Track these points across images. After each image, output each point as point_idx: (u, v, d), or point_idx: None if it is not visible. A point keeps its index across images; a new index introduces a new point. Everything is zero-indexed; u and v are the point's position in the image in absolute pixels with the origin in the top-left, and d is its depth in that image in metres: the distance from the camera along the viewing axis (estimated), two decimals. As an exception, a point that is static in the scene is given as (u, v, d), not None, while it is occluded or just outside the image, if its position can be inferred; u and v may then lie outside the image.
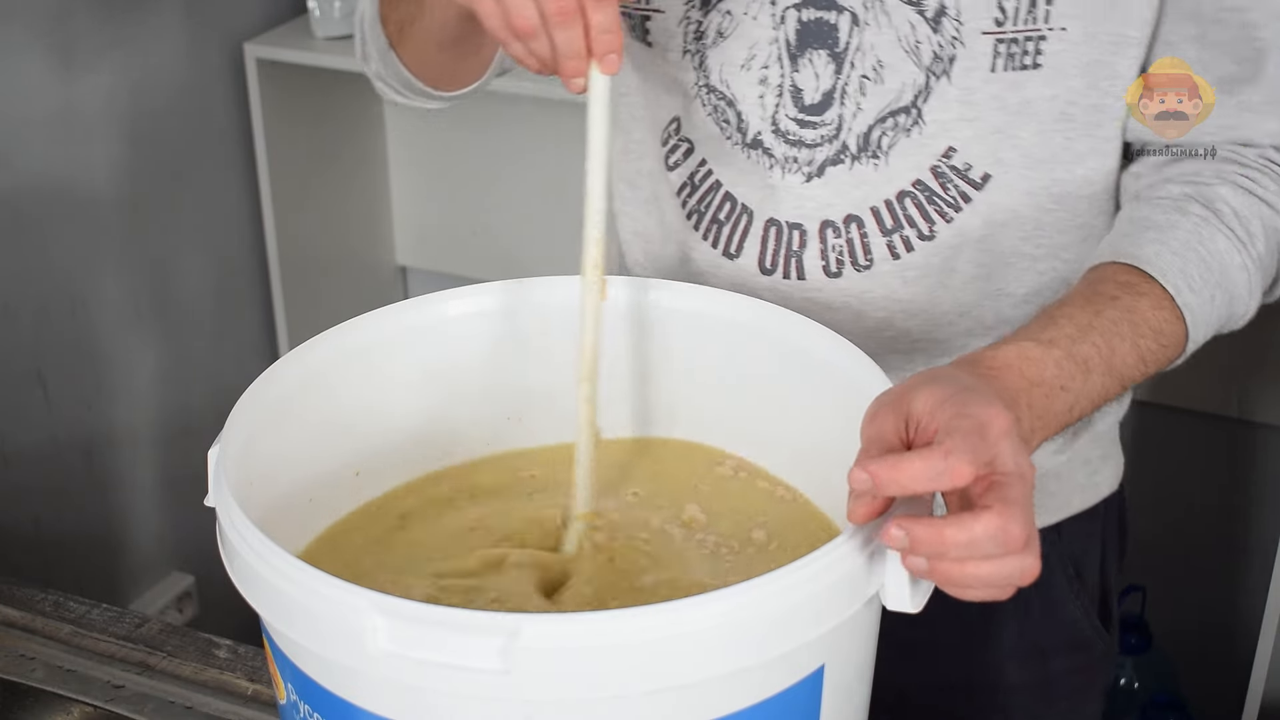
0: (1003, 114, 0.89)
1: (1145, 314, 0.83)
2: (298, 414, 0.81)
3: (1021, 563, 0.64)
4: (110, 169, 1.92)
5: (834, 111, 0.91)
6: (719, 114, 0.94)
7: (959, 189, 0.91)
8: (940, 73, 0.88)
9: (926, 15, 0.87)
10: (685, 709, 0.62)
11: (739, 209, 0.96)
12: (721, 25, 0.92)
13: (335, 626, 0.61)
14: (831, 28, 0.89)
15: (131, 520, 2.06)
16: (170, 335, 2.07)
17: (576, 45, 0.76)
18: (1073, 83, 0.89)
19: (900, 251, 0.93)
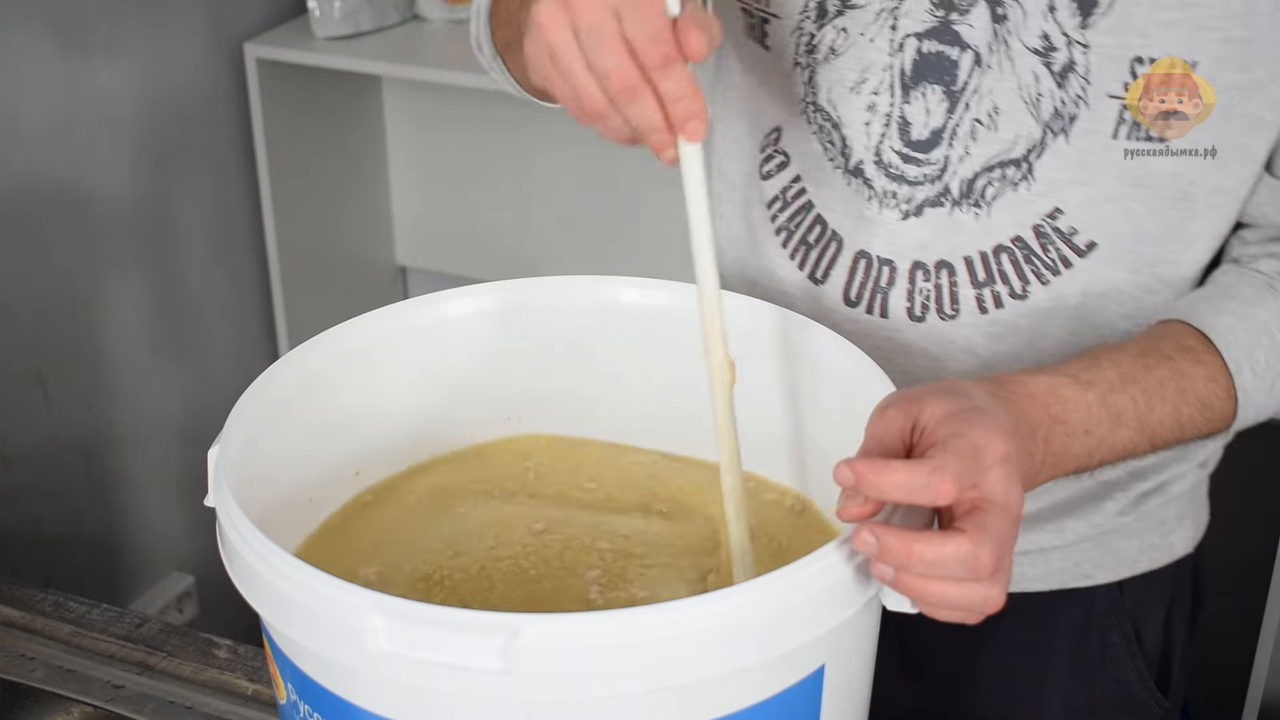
0: (1119, 184, 0.84)
1: (1197, 383, 0.80)
2: (298, 414, 0.81)
3: (987, 591, 0.63)
4: (111, 169, 1.92)
5: (941, 151, 0.87)
6: (824, 134, 0.90)
7: (1060, 252, 0.87)
8: (1059, 130, 0.84)
9: (1053, 69, 0.82)
10: (685, 709, 0.62)
11: (829, 234, 0.92)
12: (835, 42, 0.88)
13: (335, 626, 0.61)
14: (952, 64, 0.84)
15: (131, 520, 2.06)
16: (170, 335, 2.07)
17: (653, 119, 0.70)
18: (1200, 162, 0.84)
19: (989, 306, 0.89)
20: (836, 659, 0.66)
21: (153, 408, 2.06)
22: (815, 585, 0.62)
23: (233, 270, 2.18)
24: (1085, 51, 0.81)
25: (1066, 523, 0.95)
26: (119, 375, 1.99)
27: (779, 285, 0.96)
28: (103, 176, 1.91)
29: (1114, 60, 0.81)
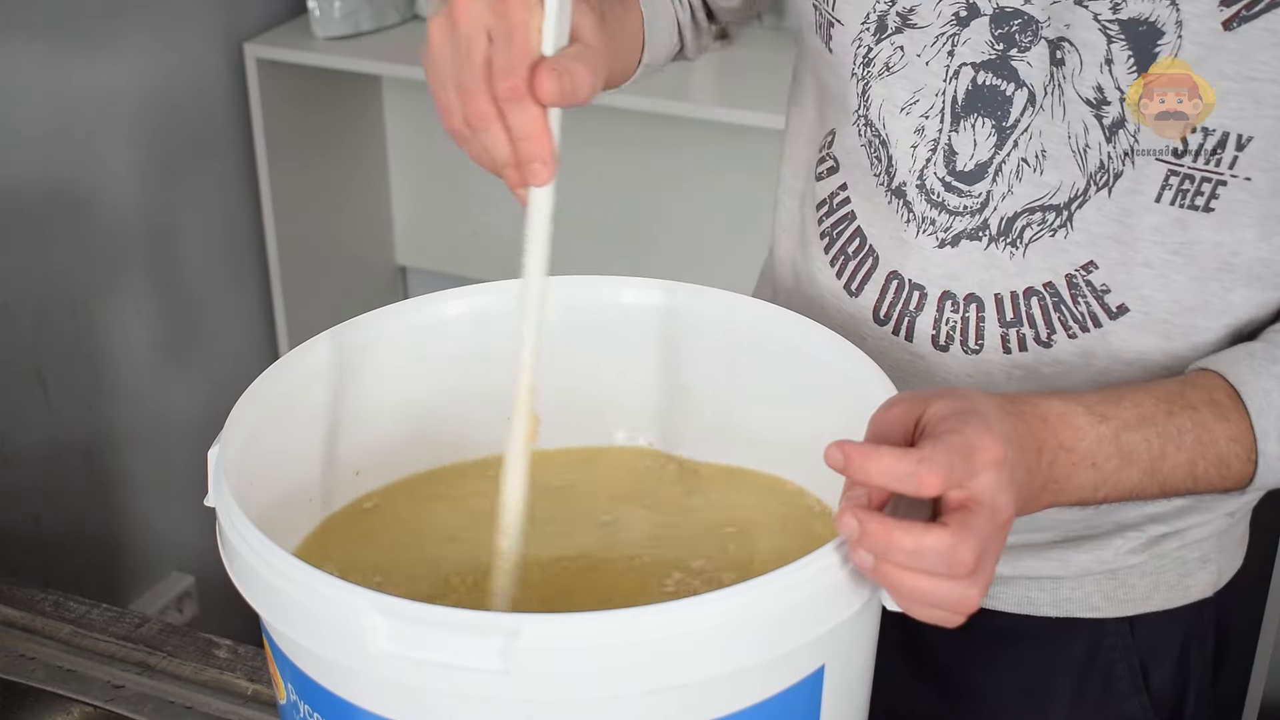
0: (1159, 249, 0.82)
1: (1218, 440, 0.79)
2: (298, 413, 0.81)
3: (964, 591, 0.63)
4: (111, 169, 1.92)
5: (984, 186, 0.85)
6: (872, 150, 0.90)
7: (1090, 309, 0.85)
8: (1103, 184, 0.82)
9: (1103, 122, 0.81)
10: (685, 709, 0.62)
11: (867, 249, 0.92)
12: (891, 59, 0.87)
13: (335, 626, 0.61)
14: (1005, 99, 0.83)
15: (131, 520, 2.06)
16: (170, 335, 2.07)
17: (502, 153, 0.70)
18: (1245, 233, 0.81)
19: (1013, 347, 0.87)
20: (836, 659, 0.66)
21: (153, 408, 2.06)
22: (815, 585, 0.62)
23: (233, 270, 2.18)
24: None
25: (1072, 556, 0.94)
26: (119, 375, 1.99)
27: (816, 288, 0.95)
28: (103, 176, 1.91)
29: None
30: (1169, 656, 0.99)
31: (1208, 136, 0.78)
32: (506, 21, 0.68)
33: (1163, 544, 0.94)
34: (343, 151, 2.31)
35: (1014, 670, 0.99)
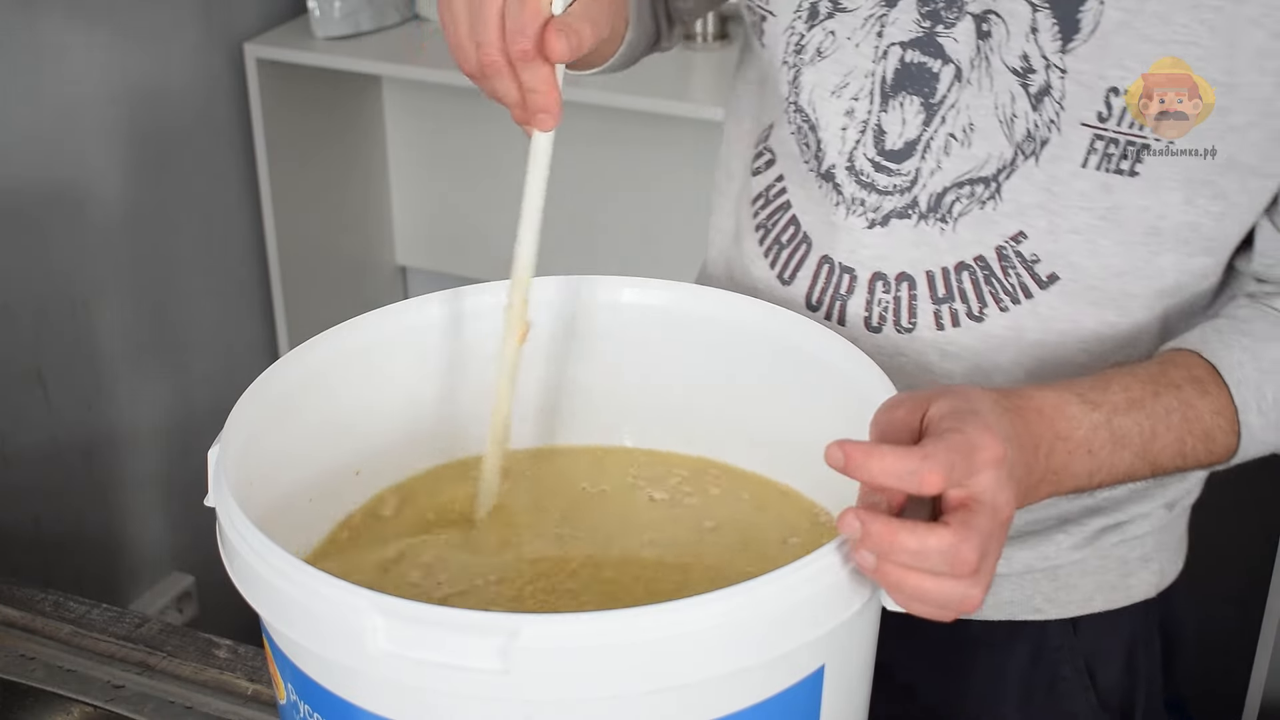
0: (1086, 215, 0.84)
1: (1202, 415, 0.80)
2: (298, 414, 0.81)
3: (966, 590, 0.63)
4: (111, 169, 1.92)
5: (913, 163, 0.86)
6: (801, 135, 0.91)
7: (1020, 280, 0.86)
8: (1030, 153, 0.83)
9: (1029, 90, 0.82)
10: (685, 709, 0.62)
11: (800, 236, 0.93)
12: (822, 44, 0.88)
13: (335, 626, 0.61)
14: (933, 76, 0.84)
15: (131, 520, 2.06)
16: (170, 335, 2.07)
17: (512, 95, 0.76)
18: (1169, 197, 0.82)
19: (946, 324, 0.88)
20: (836, 659, 0.66)
21: (153, 408, 2.06)
22: (815, 585, 0.62)
23: (233, 270, 2.18)
24: (1063, 77, 0.81)
25: (1015, 553, 0.94)
26: (119, 375, 1.99)
27: (750, 282, 0.96)
28: (102, 176, 1.91)
29: (1089, 89, 0.81)
30: (1115, 658, 1.00)
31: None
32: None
33: (1104, 539, 0.95)
34: (343, 151, 2.31)
35: (961, 675, 0.99)
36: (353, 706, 0.64)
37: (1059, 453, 0.74)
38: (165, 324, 2.06)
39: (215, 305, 2.16)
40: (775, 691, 0.64)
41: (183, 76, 2.02)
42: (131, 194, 1.96)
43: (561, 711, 0.62)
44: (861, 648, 0.70)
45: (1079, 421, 0.75)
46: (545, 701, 0.61)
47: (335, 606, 0.61)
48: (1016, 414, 0.72)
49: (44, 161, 1.82)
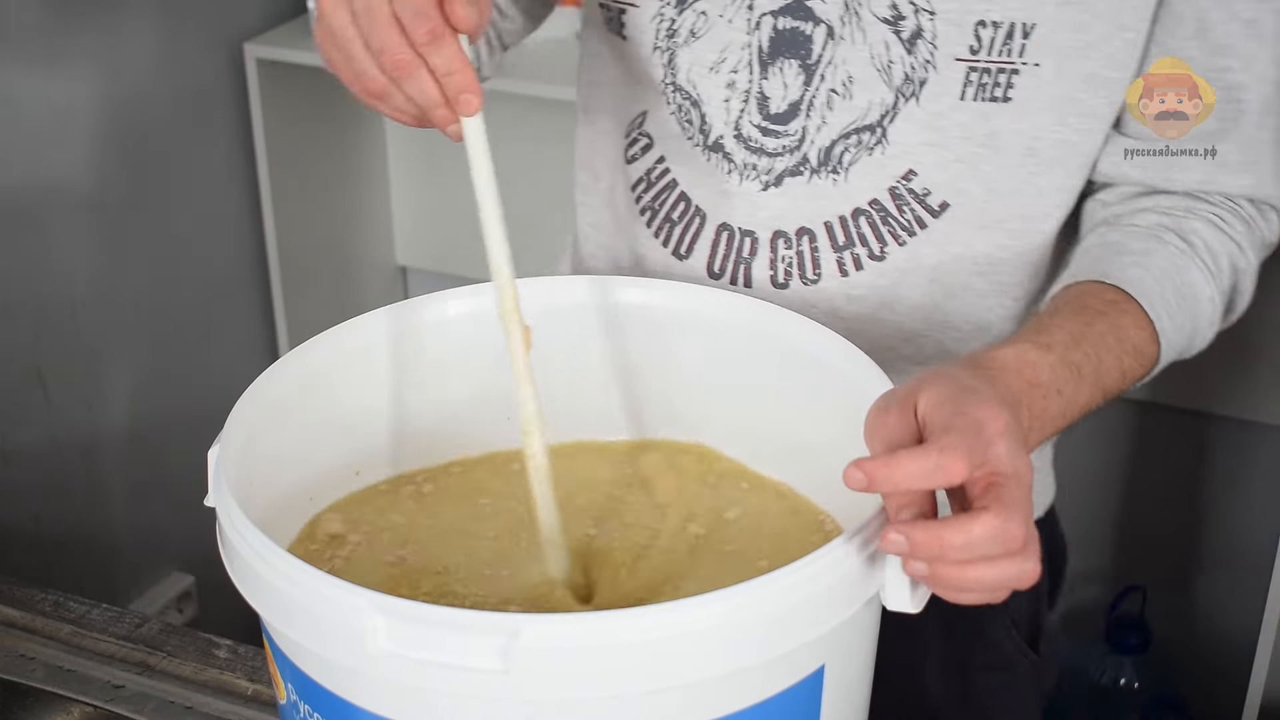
0: (968, 144, 0.89)
1: (1128, 332, 0.85)
2: (298, 414, 0.81)
3: (1021, 566, 0.63)
4: (110, 169, 1.92)
5: (798, 123, 0.91)
6: (683, 113, 0.94)
7: (915, 214, 0.91)
8: (910, 95, 0.88)
9: (902, 36, 0.87)
10: (685, 709, 0.62)
11: (692, 210, 0.96)
12: (695, 25, 0.92)
13: (335, 626, 0.61)
14: (806, 39, 0.89)
15: (131, 520, 2.06)
16: (170, 335, 2.07)
17: (431, 95, 0.74)
18: (1041, 119, 0.89)
19: (849, 269, 0.93)
20: (836, 659, 0.66)
21: (153, 408, 2.06)
22: (815, 585, 0.62)
23: (233, 270, 2.18)
24: (931, 18, 0.86)
25: None
26: (119, 375, 1.99)
27: (643, 265, 0.99)
28: (102, 176, 1.91)
29: (958, 25, 0.86)
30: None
31: (997, 29, 0.85)
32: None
33: None
34: (343, 151, 2.31)
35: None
36: (353, 706, 0.64)
37: (1036, 399, 0.76)
38: (165, 324, 2.06)
39: (215, 305, 2.16)
40: (775, 691, 0.64)
41: (183, 76, 2.01)
42: (131, 194, 1.96)
43: (561, 711, 0.62)
44: (861, 648, 0.70)
45: (1040, 366, 0.78)
46: (545, 701, 0.61)
47: (335, 606, 0.61)
48: (988, 377, 0.74)
49: (44, 161, 1.82)
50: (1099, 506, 2.10)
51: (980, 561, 0.63)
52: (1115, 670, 1.99)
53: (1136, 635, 1.98)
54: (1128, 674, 1.98)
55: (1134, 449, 2.07)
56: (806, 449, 0.85)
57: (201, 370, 2.13)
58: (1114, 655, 1.99)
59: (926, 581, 0.64)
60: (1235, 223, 0.92)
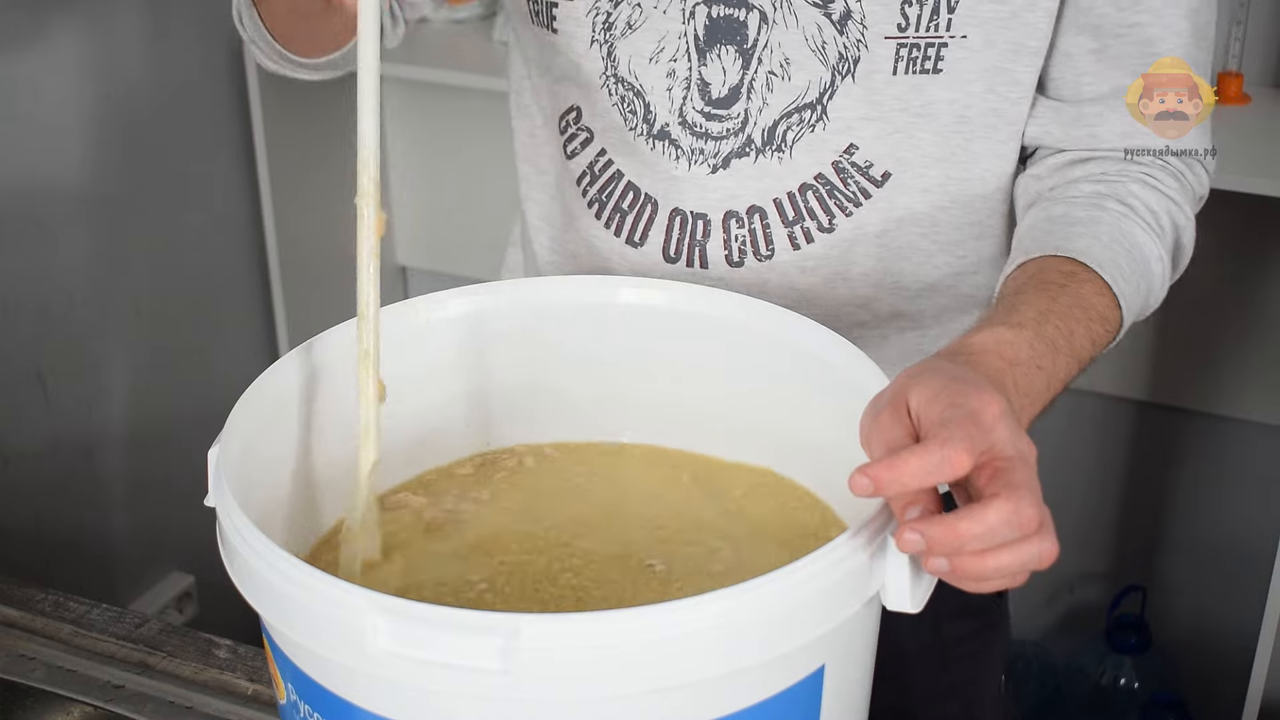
0: (904, 115, 0.92)
1: (1091, 300, 0.86)
2: (298, 414, 0.81)
3: (1039, 547, 0.63)
4: (111, 169, 1.92)
5: (740, 106, 0.93)
6: (625, 104, 0.96)
7: (859, 185, 0.94)
8: (845, 73, 0.91)
9: (833, 18, 0.90)
10: (685, 709, 0.62)
11: (642, 198, 0.98)
12: (631, 17, 0.94)
13: (335, 626, 0.61)
14: (740, 24, 0.91)
15: (131, 520, 2.06)
16: (170, 335, 2.07)
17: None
18: (972, 87, 0.92)
19: (801, 243, 0.96)
20: (836, 659, 0.66)
21: (153, 408, 2.06)
22: (815, 585, 0.62)
23: (233, 270, 2.18)
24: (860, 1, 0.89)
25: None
26: (119, 375, 1.99)
27: (598, 255, 1.02)
28: (102, 176, 1.91)
29: (885, 5, 0.89)
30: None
31: (923, 6, 0.88)
32: None
33: None
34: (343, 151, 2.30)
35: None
36: (353, 706, 0.64)
37: (1019, 378, 0.77)
38: (165, 324, 2.06)
39: (215, 305, 2.16)
40: (775, 691, 0.64)
41: (183, 76, 2.02)
42: (131, 194, 1.96)
43: (561, 711, 0.62)
44: (861, 648, 0.70)
45: (1018, 344, 0.79)
46: (545, 701, 0.61)
47: (335, 606, 0.61)
48: (971, 363, 0.75)
49: (44, 161, 1.82)
50: (1099, 506, 2.11)
51: (999, 548, 0.63)
52: (1115, 670, 1.99)
53: (1136, 635, 1.98)
54: (1128, 674, 1.98)
55: (1134, 449, 2.07)
56: (806, 449, 0.85)
57: (201, 370, 2.13)
58: (1114, 655, 1.99)
59: (947, 577, 0.64)
60: (1168, 179, 0.94)
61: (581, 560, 0.81)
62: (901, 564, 0.65)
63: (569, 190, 1.03)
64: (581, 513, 0.85)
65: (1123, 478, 2.08)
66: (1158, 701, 1.97)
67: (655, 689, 0.60)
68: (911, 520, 0.63)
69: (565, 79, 1.00)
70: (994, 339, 0.78)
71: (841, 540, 0.64)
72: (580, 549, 0.82)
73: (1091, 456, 2.05)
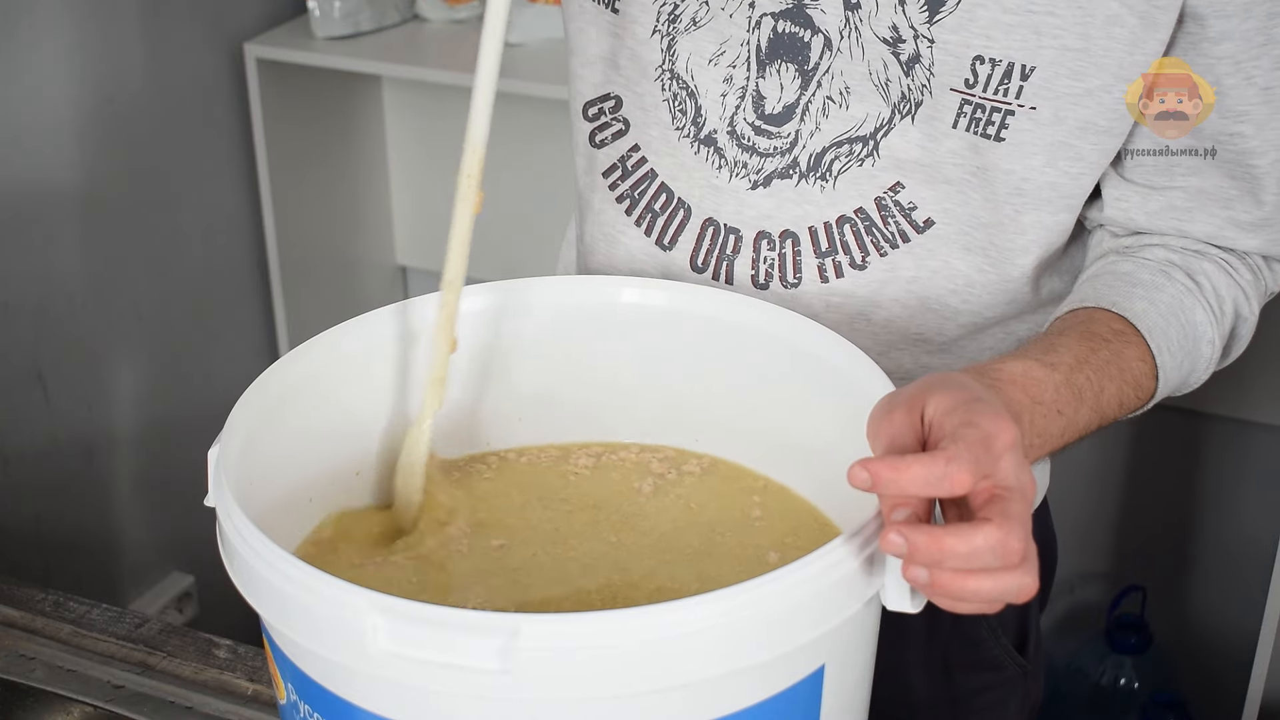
0: (958, 170, 0.89)
1: (1131, 363, 0.86)
2: (298, 414, 0.81)
3: (1020, 580, 0.63)
4: (110, 169, 1.92)
5: (792, 126, 0.90)
6: (676, 102, 0.94)
7: (899, 227, 0.91)
8: (906, 113, 0.88)
9: (900, 58, 0.87)
10: (685, 709, 0.62)
11: (676, 202, 0.96)
12: (697, 14, 0.91)
13: (335, 626, 0.61)
14: (804, 44, 0.88)
15: (131, 520, 2.06)
16: (170, 335, 2.07)
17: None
18: (1032, 160, 0.88)
19: (830, 276, 0.93)
20: (836, 659, 0.66)
21: (152, 407, 2.06)
22: (815, 585, 0.62)
23: (233, 270, 2.18)
24: (930, 46, 0.86)
25: None
26: (119, 375, 1.99)
27: (627, 251, 0.99)
28: (102, 176, 1.91)
29: (956, 57, 0.85)
30: None
31: (995, 67, 0.85)
32: None
33: None
34: (343, 151, 2.31)
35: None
36: (353, 706, 0.64)
37: (1037, 418, 0.77)
38: (165, 324, 2.06)
39: (215, 305, 2.16)
40: (775, 691, 0.64)
41: (183, 76, 2.01)
42: (131, 194, 1.96)
43: (561, 711, 0.62)
44: (861, 648, 0.70)
45: (1045, 385, 0.78)
46: (545, 701, 0.61)
47: (335, 606, 0.61)
48: (995, 389, 0.74)
49: (44, 161, 1.82)
50: (1099, 506, 2.10)
51: (980, 572, 0.63)
52: (1115, 670, 1.99)
53: (1136, 635, 1.98)
54: (1128, 674, 1.98)
55: (1133, 449, 2.06)
56: (807, 449, 0.85)
57: (201, 370, 2.13)
58: (1114, 655, 1.99)
59: (925, 590, 0.64)
60: (1243, 270, 0.92)
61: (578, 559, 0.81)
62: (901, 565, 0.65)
63: (597, 179, 1.00)
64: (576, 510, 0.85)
65: (1123, 478, 2.08)
66: (1158, 701, 1.97)
67: (655, 689, 0.60)
68: (897, 522, 0.63)
69: (608, 64, 0.97)
70: (1023, 372, 0.78)
71: (841, 540, 0.64)
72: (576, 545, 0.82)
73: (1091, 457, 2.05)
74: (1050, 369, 0.79)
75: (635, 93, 0.96)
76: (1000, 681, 1.06)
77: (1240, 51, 0.85)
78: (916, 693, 1.04)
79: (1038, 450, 0.78)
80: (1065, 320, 0.87)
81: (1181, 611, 2.07)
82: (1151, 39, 0.84)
